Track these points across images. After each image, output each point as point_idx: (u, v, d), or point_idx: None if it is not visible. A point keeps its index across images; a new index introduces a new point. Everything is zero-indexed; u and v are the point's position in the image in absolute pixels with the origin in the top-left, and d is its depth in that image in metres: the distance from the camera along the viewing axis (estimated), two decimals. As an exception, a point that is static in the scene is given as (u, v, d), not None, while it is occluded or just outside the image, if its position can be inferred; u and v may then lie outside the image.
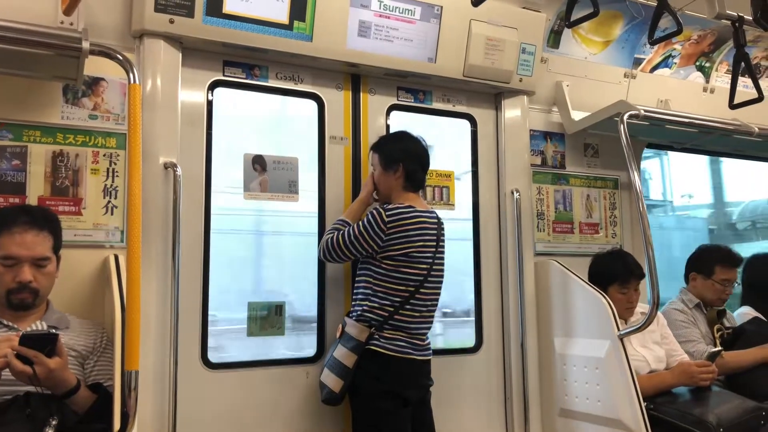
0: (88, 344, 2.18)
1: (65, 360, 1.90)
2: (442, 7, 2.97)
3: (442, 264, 2.73)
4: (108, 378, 2.12)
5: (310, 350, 2.84)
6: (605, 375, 2.79)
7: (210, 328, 2.64)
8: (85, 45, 2.11)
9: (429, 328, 2.71)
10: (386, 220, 2.56)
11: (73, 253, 2.34)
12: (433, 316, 2.72)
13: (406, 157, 2.73)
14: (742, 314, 3.54)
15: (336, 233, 2.65)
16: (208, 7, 2.55)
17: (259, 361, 2.78)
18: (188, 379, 2.54)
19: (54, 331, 2.02)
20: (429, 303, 2.66)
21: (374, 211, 2.60)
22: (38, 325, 2.10)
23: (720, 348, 3.08)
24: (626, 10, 3.39)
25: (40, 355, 1.82)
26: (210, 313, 2.64)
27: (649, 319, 2.71)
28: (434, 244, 2.67)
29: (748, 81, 3.03)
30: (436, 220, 2.72)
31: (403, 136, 2.82)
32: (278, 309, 2.80)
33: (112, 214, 2.48)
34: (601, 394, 2.80)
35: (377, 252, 2.58)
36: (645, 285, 3.13)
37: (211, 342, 2.63)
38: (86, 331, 2.21)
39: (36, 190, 2.37)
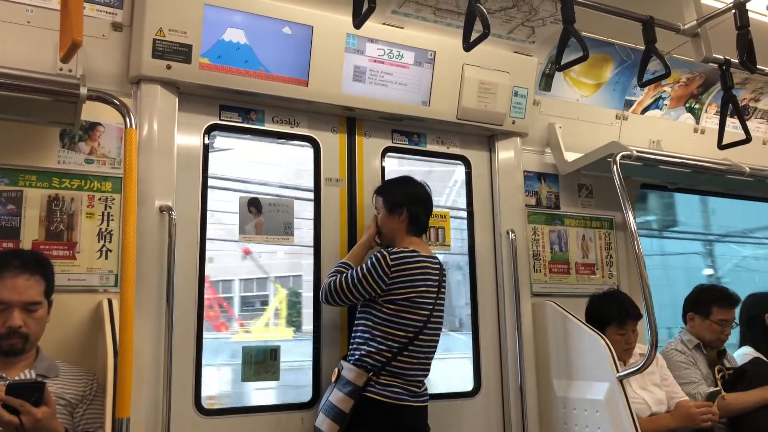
0: (78, 392, 2.13)
1: (53, 409, 1.86)
2: (435, 52, 3.03)
3: (442, 311, 2.71)
4: (98, 427, 2.08)
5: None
6: (606, 418, 2.74)
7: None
8: (83, 91, 2.14)
9: (426, 376, 2.67)
10: (390, 263, 2.56)
11: (66, 297, 2.32)
12: (430, 363, 2.68)
13: (410, 201, 2.74)
14: (742, 355, 3.51)
15: (338, 276, 2.63)
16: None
17: (253, 407, 2.75)
18: (181, 427, 2.48)
19: (42, 379, 1.99)
20: (427, 350, 2.63)
21: (378, 255, 2.59)
22: (27, 374, 2.06)
23: (719, 388, 3.04)
24: (616, 53, 3.47)
25: (27, 405, 1.79)
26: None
27: (648, 361, 2.68)
28: (435, 290, 2.65)
29: (738, 122, 3.08)
30: (438, 266, 2.71)
31: (408, 181, 2.85)
32: (273, 353, 2.76)
33: (106, 258, 2.46)
34: (603, 438, 2.75)
35: (380, 295, 2.56)
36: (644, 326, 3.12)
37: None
38: (76, 379, 2.16)
39: (30, 234, 2.36)
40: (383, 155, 3.14)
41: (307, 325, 2.88)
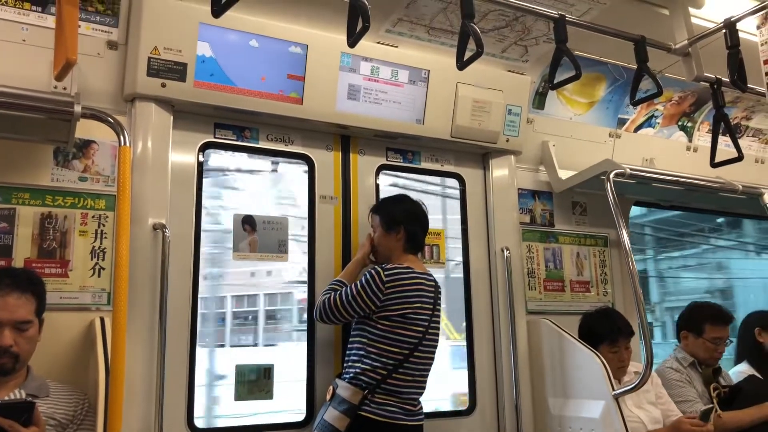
0: (68, 412, 2.10)
1: (42, 429, 1.84)
2: (429, 70, 3.05)
3: (438, 328, 2.70)
4: (89, 447, 2.05)
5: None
6: (602, 437, 2.73)
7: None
8: (77, 109, 2.15)
9: (421, 394, 2.65)
10: (385, 279, 2.55)
11: (58, 316, 2.30)
12: (425, 381, 2.66)
13: (407, 219, 2.74)
14: (737, 372, 3.50)
15: (333, 293, 2.62)
16: (200, 71, 2.60)
17: (247, 426, 2.71)
18: (173, 447, 2.45)
19: (32, 399, 1.96)
20: (422, 367, 2.62)
21: (372, 271, 2.59)
22: (17, 394, 2.03)
23: (711, 406, 3.03)
24: (608, 72, 3.50)
25: (16, 425, 1.76)
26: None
27: (643, 379, 2.67)
28: (431, 307, 2.65)
29: (730, 140, 3.10)
30: (433, 284, 2.70)
31: (404, 199, 2.85)
32: (267, 372, 2.74)
33: (99, 276, 2.45)
34: (599, 458, 2.73)
35: (374, 312, 2.55)
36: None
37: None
38: (67, 398, 2.14)
39: (23, 252, 2.34)
40: (378, 173, 3.15)
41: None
